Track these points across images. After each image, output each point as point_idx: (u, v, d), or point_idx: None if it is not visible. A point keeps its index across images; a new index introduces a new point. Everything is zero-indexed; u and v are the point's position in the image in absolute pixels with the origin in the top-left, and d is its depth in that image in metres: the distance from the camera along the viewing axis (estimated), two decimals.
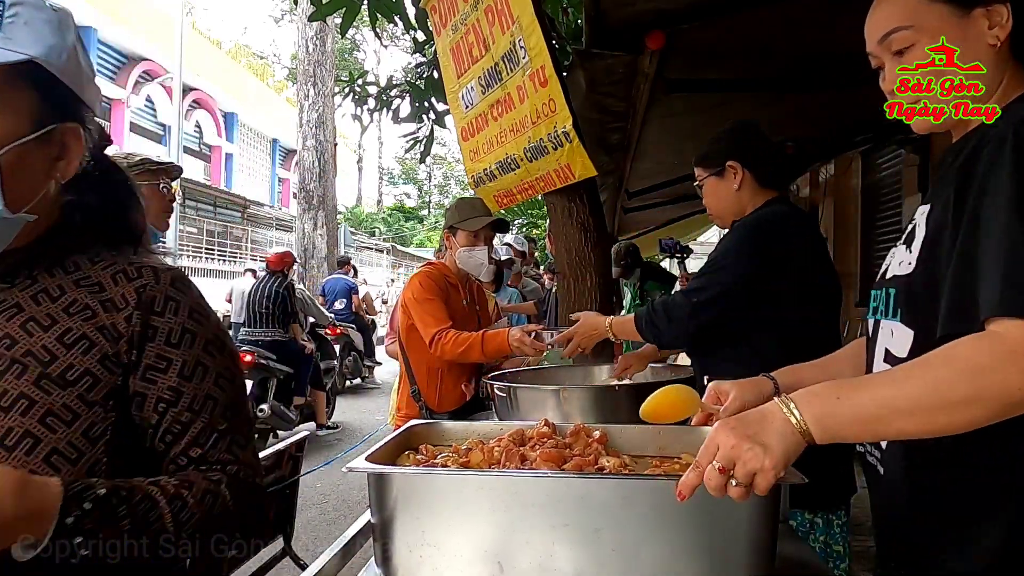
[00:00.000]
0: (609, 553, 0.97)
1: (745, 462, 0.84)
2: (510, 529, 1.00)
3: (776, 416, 0.87)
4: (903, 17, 1.00)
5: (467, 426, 1.45)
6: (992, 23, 0.97)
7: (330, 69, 16.72)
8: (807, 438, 0.86)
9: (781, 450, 0.85)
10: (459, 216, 2.80)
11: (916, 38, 0.99)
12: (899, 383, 0.85)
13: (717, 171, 1.93)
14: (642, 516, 0.98)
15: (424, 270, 2.86)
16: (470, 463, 1.20)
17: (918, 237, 1.01)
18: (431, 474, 1.10)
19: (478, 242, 2.78)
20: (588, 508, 0.99)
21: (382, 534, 1.05)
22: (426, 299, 2.66)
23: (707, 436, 0.89)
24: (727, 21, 2.55)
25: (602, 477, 1.07)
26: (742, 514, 0.96)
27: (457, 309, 2.78)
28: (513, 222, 14.79)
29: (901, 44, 1.01)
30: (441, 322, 2.59)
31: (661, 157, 4.73)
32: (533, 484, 1.03)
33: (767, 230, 1.79)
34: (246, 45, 38.82)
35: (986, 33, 0.97)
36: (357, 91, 5.79)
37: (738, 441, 0.85)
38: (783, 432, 0.86)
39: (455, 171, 42.28)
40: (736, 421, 0.88)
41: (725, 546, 0.98)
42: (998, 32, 0.96)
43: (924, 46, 0.98)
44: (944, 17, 0.98)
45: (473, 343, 2.48)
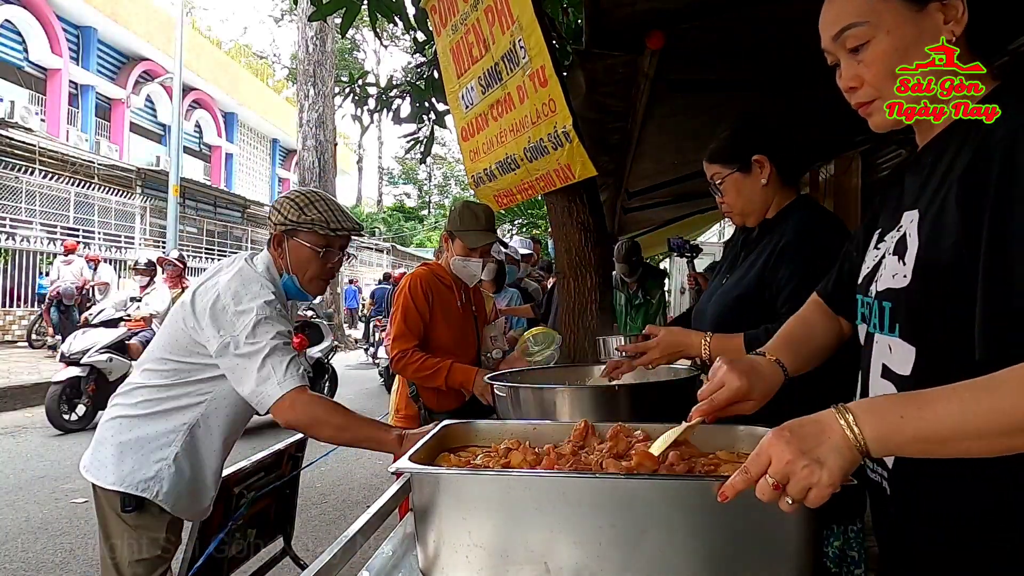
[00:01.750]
0: (655, 554, 0.97)
1: (800, 479, 0.82)
2: (557, 530, 1.00)
3: (834, 431, 0.83)
4: (857, 13, 0.98)
5: (501, 425, 1.45)
6: (948, 17, 0.95)
7: (330, 69, 16.72)
8: (863, 453, 0.83)
9: (838, 466, 0.82)
10: (460, 224, 2.78)
11: (871, 34, 0.97)
12: (968, 404, 0.80)
13: (741, 166, 1.81)
14: (689, 517, 0.98)
15: (418, 271, 2.83)
16: (511, 463, 1.20)
17: (911, 248, 0.98)
18: (478, 475, 1.10)
19: (473, 254, 2.77)
20: (635, 509, 0.98)
21: (427, 535, 1.05)
22: (406, 307, 2.66)
23: (760, 443, 0.86)
24: (727, 21, 2.55)
25: (650, 478, 1.06)
26: (790, 517, 0.96)
27: (450, 311, 2.77)
28: (513, 222, 14.78)
29: (856, 41, 0.99)
30: (409, 340, 2.62)
31: (661, 157, 4.73)
32: (581, 485, 1.02)
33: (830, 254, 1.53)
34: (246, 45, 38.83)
35: (942, 28, 0.95)
36: (357, 92, 5.79)
37: (793, 457, 0.82)
38: (840, 448, 0.83)
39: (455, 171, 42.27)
40: (791, 434, 0.84)
41: (771, 548, 0.97)
42: (953, 27, 0.95)
43: (880, 42, 0.97)
44: (899, 12, 0.96)
45: (439, 371, 2.54)
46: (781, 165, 1.79)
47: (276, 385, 1.80)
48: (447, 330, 2.75)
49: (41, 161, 13.79)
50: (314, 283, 2.06)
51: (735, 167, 1.82)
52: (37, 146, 13.77)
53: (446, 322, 2.74)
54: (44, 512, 4.38)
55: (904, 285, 0.98)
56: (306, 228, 1.99)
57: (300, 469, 2.75)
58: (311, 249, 2.00)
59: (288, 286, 2.04)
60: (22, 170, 13.32)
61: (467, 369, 2.54)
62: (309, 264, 2.02)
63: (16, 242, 12.66)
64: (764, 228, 1.84)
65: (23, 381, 8.39)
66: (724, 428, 1.30)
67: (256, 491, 2.42)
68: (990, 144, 0.89)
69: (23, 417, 7.41)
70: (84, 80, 18.03)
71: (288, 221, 1.99)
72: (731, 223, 1.99)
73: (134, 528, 1.93)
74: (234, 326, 1.83)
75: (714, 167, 1.87)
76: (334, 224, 2.00)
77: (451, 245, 2.80)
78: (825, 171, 6.08)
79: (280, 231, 2.01)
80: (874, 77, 0.99)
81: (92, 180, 15.11)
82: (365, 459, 5.42)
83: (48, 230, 13.75)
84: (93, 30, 18.11)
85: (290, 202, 2.02)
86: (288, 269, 2.03)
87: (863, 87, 1.01)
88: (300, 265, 2.02)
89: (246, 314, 1.84)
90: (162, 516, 1.95)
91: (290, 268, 2.03)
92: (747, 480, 0.86)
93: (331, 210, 2.03)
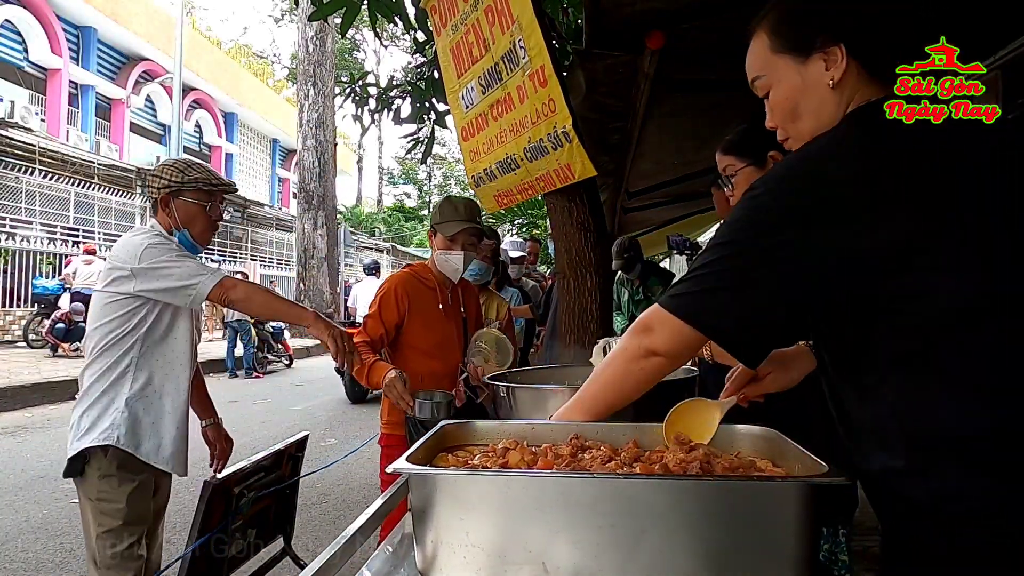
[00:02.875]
0: (654, 554, 0.97)
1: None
2: (555, 530, 1.00)
3: None
4: (759, 67, 1.14)
5: (499, 426, 1.45)
6: (829, 64, 1.06)
7: (330, 69, 16.72)
8: None
9: None
10: (439, 217, 2.71)
11: (769, 83, 1.13)
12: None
13: (755, 161, 1.81)
14: (688, 517, 0.98)
15: (399, 274, 2.76)
16: (509, 463, 1.20)
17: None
18: (476, 475, 1.10)
19: (454, 246, 2.67)
20: (634, 509, 0.98)
21: (424, 536, 1.05)
22: (377, 306, 2.59)
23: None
24: (727, 21, 2.55)
25: (647, 478, 1.07)
26: (788, 517, 0.96)
27: (430, 313, 2.66)
28: (513, 222, 14.77)
29: (762, 91, 1.15)
30: (363, 335, 2.55)
31: (661, 157, 4.73)
32: (579, 485, 1.02)
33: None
34: (246, 45, 38.82)
35: (824, 75, 1.06)
36: (357, 92, 5.79)
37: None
38: None
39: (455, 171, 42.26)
40: None
41: (769, 548, 0.97)
42: (833, 73, 1.05)
43: (776, 91, 1.12)
44: (788, 65, 1.09)
45: (361, 369, 2.42)
46: None
47: (210, 275, 2.15)
48: (425, 333, 2.63)
49: (41, 161, 13.79)
50: (204, 234, 2.35)
51: (750, 160, 1.82)
52: (37, 146, 13.76)
53: (424, 325, 2.63)
54: (44, 512, 4.38)
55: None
56: (191, 187, 2.28)
57: (300, 476, 2.75)
58: (197, 205, 2.29)
59: (183, 240, 2.30)
60: (22, 170, 13.32)
61: (380, 368, 2.39)
62: (197, 218, 2.30)
63: (16, 242, 12.66)
64: None
65: (23, 381, 8.38)
66: (724, 428, 1.31)
67: (256, 491, 2.42)
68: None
69: (23, 417, 7.41)
70: (84, 80, 18.02)
71: (173, 183, 2.27)
72: None
73: (96, 501, 2.13)
74: (138, 256, 2.13)
75: (728, 159, 1.88)
76: (215, 181, 2.33)
77: (434, 241, 2.74)
78: None
79: (166, 193, 2.28)
80: (778, 119, 1.14)
81: (92, 180, 15.10)
82: (365, 459, 5.42)
83: (48, 230, 13.75)
84: (93, 30, 18.11)
85: (171, 168, 2.30)
86: (178, 226, 2.30)
87: (777, 128, 1.16)
88: (189, 220, 2.30)
89: (145, 246, 2.15)
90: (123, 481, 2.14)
91: (180, 225, 2.30)
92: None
93: (208, 171, 2.35)
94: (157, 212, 2.31)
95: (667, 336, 1.08)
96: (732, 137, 1.88)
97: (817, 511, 0.97)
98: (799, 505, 0.96)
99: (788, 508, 0.96)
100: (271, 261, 23.12)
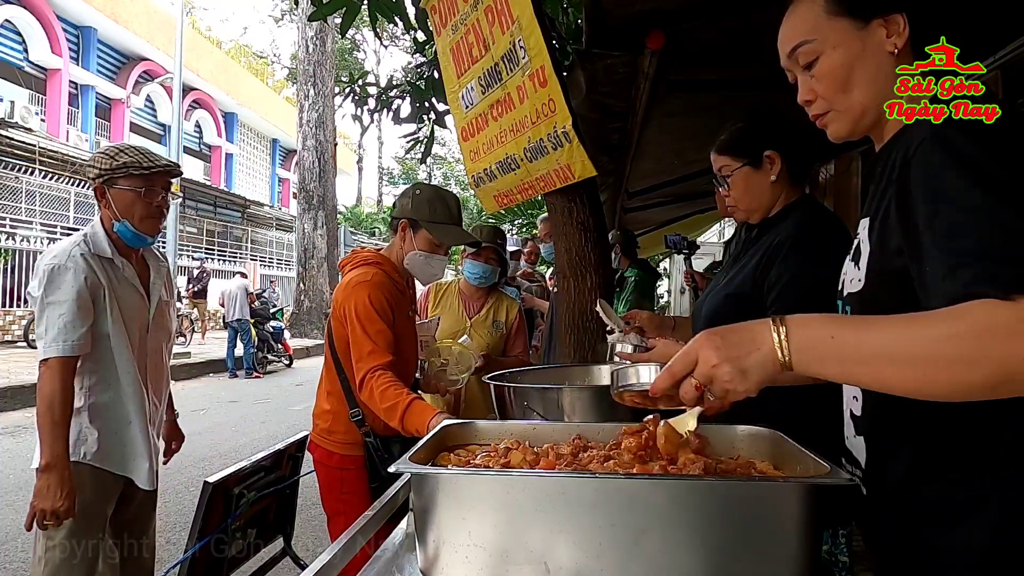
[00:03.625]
0: (655, 554, 0.97)
1: (722, 383, 0.86)
2: (557, 530, 1.00)
3: (765, 343, 0.86)
4: (807, 31, 1.05)
5: (501, 425, 1.46)
6: (890, 32, 1.00)
7: (330, 69, 16.72)
8: (786, 368, 0.86)
9: (757, 379, 0.86)
10: (429, 214, 2.34)
11: (819, 50, 1.04)
12: (904, 331, 0.81)
13: (751, 160, 1.76)
14: (689, 517, 0.98)
15: (372, 274, 2.28)
16: (511, 463, 1.20)
17: (864, 253, 1.01)
18: (478, 474, 1.10)
19: (439, 250, 2.36)
20: (635, 509, 0.99)
21: (426, 535, 1.05)
22: (374, 319, 2.18)
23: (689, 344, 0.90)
24: (727, 21, 2.55)
25: (650, 478, 1.07)
26: (789, 517, 0.97)
27: (401, 319, 2.32)
28: (513, 222, 14.76)
29: (807, 57, 1.05)
30: (379, 356, 2.13)
31: (661, 157, 4.73)
32: (580, 485, 1.02)
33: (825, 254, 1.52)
34: (246, 45, 38.83)
35: (885, 42, 1.01)
36: (357, 92, 5.79)
37: (719, 362, 0.86)
38: (764, 362, 0.86)
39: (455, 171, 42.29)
40: (721, 339, 0.88)
41: (770, 549, 0.97)
42: (896, 40, 1.00)
43: (828, 57, 1.03)
44: (845, 29, 1.02)
45: (394, 408, 2.00)
46: (792, 163, 1.76)
47: (54, 345, 2.00)
48: (402, 345, 2.31)
49: (41, 161, 13.80)
50: (146, 222, 2.19)
51: (745, 161, 1.77)
52: (37, 146, 13.77)
53: (397, 336, 2.27)
54: None
55: (858, 289, 1.02)
56: (122, 173, 2.14)
57: (300, 476, 2.75)
58: (132, 191, 2.15)
59: (123, 232, 2.18)
60: (22, 170, 13.33)
61: (423, 411, 1.97)
62: (134, 206, 2.16)
63: (16, 242, 12.67)
64: (764, 227, 1.81)
65: (23, 381, 8.39)
66: (724, 428, 1.31)
67: (256, 491, 2.42)
68: (909, 149, 0.93)
69: (23, 417, 7.42)
70: (84, 80, 18.03)
71: (104, 171, 2.14)
72: (732, 223, 1.96)
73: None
74: (40, 283, 2.06)
75: (723, 159, 1.82)
76: (147, 163, 2.15)
77: (410, 236, 2.35)
78: (825, 171, 6.08)
79: (100, 183, 2.15)
80: (825, 90, 1.05)
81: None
82: None
83: (48, 230, 13.75)
84: (93, 30, 18.11)
85: (102, 155, 2.17)
86: (117, 217, 2.16)
87: (816, 100, 1.07)
88: (127, 209, 2.16)
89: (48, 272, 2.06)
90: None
91: (118, 215, 2.16)
92: (672, 377, 0.90)
93: (142, 153, 2.18)
94: (98, 205, 2.21)
95: None
96: (727, 136, 1.82)
97: (819, 512, 0.97)
98: (800, 505, 0.96)
99: (789, 508, 0.96)
100: (271, 261, 23.13)
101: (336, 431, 2.33)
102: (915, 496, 0.98)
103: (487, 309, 3.37)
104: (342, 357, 2.29)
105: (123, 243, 2.22)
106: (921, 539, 0.98)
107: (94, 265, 2.12)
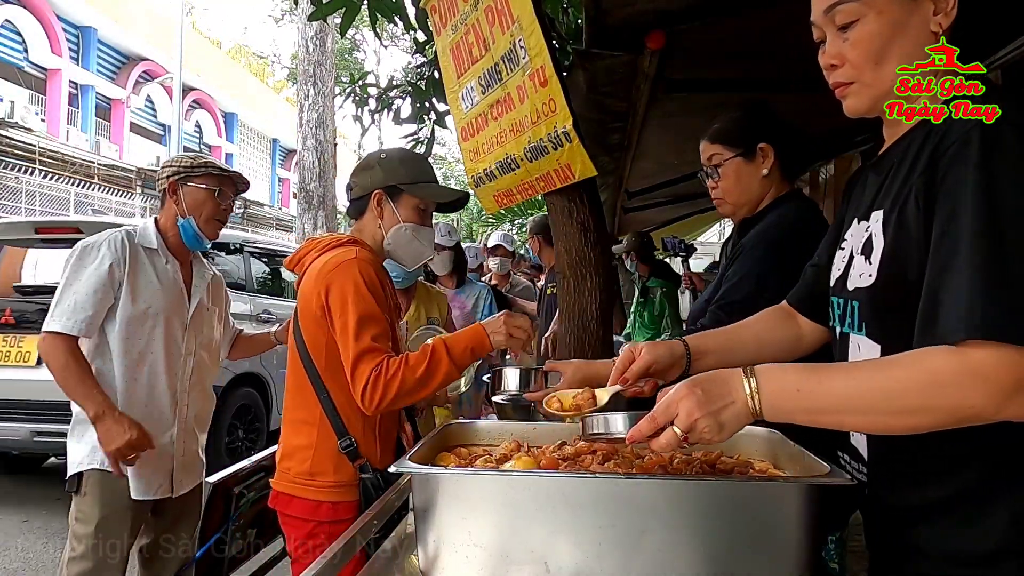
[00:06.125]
0: (655, 554, 0.98)
1: (700, 433, 0.91)
2: (557, 530, 1.00)
3: (739, 397, 0.91)
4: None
5: (501, 425, 1.46)
6: (938, 9, 0.95)
7: (330, 69, 16.70)
8: (757, 417, 0.92)
9: (732, 430, 0.92)
10: (407, 175, 1.90)
11: (862, 12, 0.96)
12: (860, 383, 0.88)
13: (744, 152, 1.71)
14: (689, 517, 0.99)
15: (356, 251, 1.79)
16: (511, 463, 1.20)
17: (876, 247, 0.99)
18: (478, 474, 1.11)
19: (427, 220, 1.95)
20: (635, 509, 0.99)
21: (427, 535, 1.06)
22: (369, 301, 1.70)
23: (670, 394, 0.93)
24: (727, 21, 2.55)
25: (650, 478, 1.07)
26: (790, 516, 0.97)
27: (391, 313, 1.88)
28: (513, 222, 14.77)
29: (846, 17, 0.97)
30: (380, 351, 1.66)
31: (661, 157, 4.73)
32: (581, 485, 1.03)
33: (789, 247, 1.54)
34: (246, 45, 38.85)
35: (930, 19, 0.96)
36: (357, 92, 5.79)
37: (701, 415, 0.90)
38: (739, 415, 0.92)
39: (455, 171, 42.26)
40: (702, 392, 0.92)
41: (771, 549, 0.98)
42: (942, 19, 0.95)
43: (868, 21, 0.96)
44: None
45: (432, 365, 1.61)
46: (784, 158, 1.72)
47: (69, 320, 2.02)
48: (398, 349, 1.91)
49: (41, 161, 13.79)
50: (210, 223, 2.27)
51: (738, 151, 1.73)
52: (37, 146, 13.77)
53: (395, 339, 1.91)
54: (44, 512, 4.38)
55: (869, 284, 1.00)
56: (200, 172, 2.23)
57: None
58: (206, 189, 2.23)
59: (186, 229, 2.24)
60: (22, 170, 13.32)
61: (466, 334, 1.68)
62: (205, 204, 2.24)
63: None
64: (745, 227, 1.78)
65: None
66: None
67: (256, 491, 2.42)
68: (945, 145, 0.90)
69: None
70: (84, 80, 18.02)
71: (182, 168, 2.24)
72: (732, 223, 1.95)
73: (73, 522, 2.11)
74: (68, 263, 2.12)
75: (715, 147, 1.77)
76: (225, 168, 2.31)
77: (388, 208, 1.89)
78: (825, 171, 6.08)
79: (175, 180, 2.23)
80: (857, 57, 0.98)
81: (92, 180, 15.11)
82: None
83: None
84: (93, 30, 18.10)
85: (181, 156, 2.30)
86: (184, 214, 2.23)
87: (844, 66, 1.00)
88: (197, 206, 2.23)
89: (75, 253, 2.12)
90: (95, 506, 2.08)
91: (186, 212, 2.23)
92: (654, 426, 0.93)
93: (218, 163, 2.31)
94: (164, 204, 2.27)
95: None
96: (720, 125, 1.78)
97: (819, 512, 0.97)
98: (800, 506, 0.96)
99: (789, 508, 0.97)
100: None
101: (322, 471, 1.77)
102: (919, 495, 0.97)
103: (415, 307, 3.18)
104: (323, 369, 1.77)
105: (177, 242, 2.26)
106: (922, 539, 0.97)
107: (128, 252, 2.14)
